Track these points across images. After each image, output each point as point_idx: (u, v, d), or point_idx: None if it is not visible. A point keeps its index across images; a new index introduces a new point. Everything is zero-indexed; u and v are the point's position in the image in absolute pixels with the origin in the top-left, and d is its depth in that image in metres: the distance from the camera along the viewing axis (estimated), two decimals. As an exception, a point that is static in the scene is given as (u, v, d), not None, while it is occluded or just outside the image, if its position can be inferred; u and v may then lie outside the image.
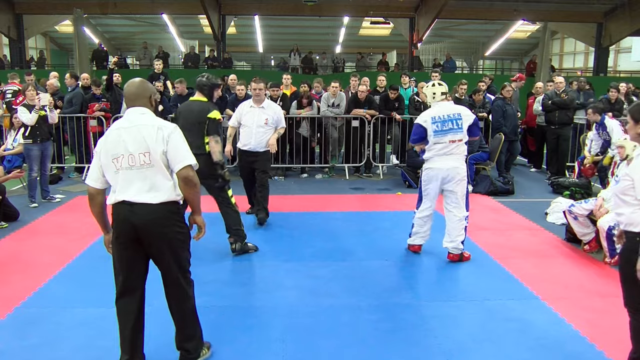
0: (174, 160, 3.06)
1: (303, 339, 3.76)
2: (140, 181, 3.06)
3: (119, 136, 3.06)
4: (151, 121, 3.11)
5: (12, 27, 17.92)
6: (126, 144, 3.03)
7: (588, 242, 5.65)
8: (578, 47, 24.51)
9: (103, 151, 3.11)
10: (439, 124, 5.19)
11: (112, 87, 9.59)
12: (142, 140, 3.03)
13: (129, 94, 3.20)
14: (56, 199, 7.65)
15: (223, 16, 18.67)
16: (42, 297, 4.41)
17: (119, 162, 3.05)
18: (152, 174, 3.06)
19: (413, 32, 18.95)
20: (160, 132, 3.04)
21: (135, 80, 3.26)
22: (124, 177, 3.06)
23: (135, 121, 3.09)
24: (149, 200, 3.05)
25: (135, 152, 3.03)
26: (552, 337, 3.82)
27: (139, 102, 3.18)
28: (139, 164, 3.03)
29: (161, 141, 3.03)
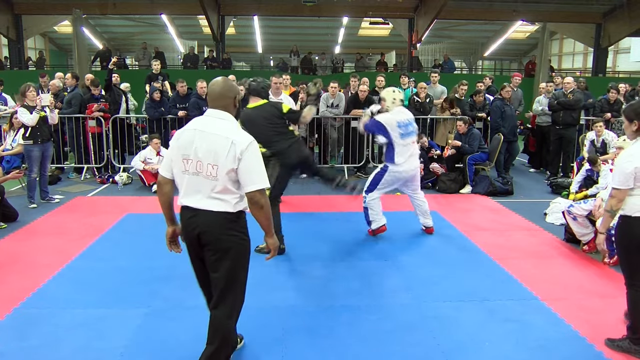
0: (244, 181, 2.95)
1: (302, 339, 3.76)
2: (205, 188, 2.98)
3: (193, 138, 2.99)
4: (227, 132, 2.96)
5: (11, 28, 17.90)
6: (198, 150, 2.96)
7: (587, 242, 5.65)
8: (577, 48, 24.53)
9: (176, 147, 3.05)
10: (403, 127, 5.74)
11: (111, 88, 9.59)
12: (214, 152, 2.93)
13: (212, 93, 3.08)
14: (55, 199, 7.64)
15: (222, 17, 18.67)
16: (41, 298, 4.41)
17: (187, 164, 3.00)
18: (217, 185, 2.96)
19: (412, 32, 18.95)
20: (233, 148, 2.91)
21: (219, 79, 3.13)
22: (189, 181, 3.02)
23: (212, 128, 2.98)
24: (212, 208, 2.98)
25: (204, 160, 2.95)
26: (551, 337, 3.82)
27: (220, 103, 3.06)
28: (205, 174, 2.96)
29: (232, 159, 2.91)
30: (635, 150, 3.48)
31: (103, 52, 19.02)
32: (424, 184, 8.72)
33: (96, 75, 10.33)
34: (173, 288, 4.63)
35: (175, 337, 3.78)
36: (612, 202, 3.56)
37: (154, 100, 9.51)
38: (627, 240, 3.54)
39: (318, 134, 9.81)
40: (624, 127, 3.70)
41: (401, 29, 20.01)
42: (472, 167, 8.50)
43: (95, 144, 9.37)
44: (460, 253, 5.63)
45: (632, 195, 3.48)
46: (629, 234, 3.52)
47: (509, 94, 9.35)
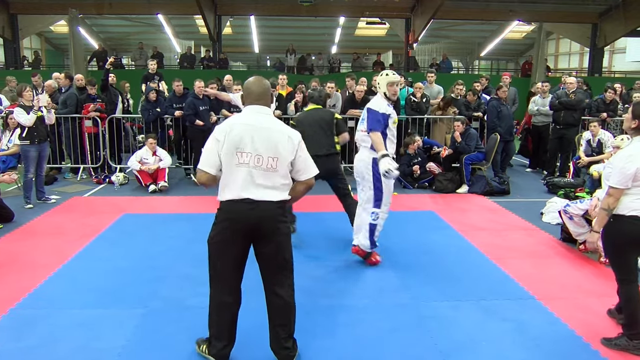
0: (302, 170, 3.27)
1: (301, 339, 3.75)
2: (263, 180, 3.14)
3: (246, 132, 3.13)
4: (280, 126, 3.24)
5: (6, 28, 17.84)
6: (255, 143, 3.12)
7: (583, 241, 5.67)
8: (573, 48, 24.60)
9: (227, 141, 3.12)
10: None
11: (108, 88, 9.57)
12: (274, 145, 3.14)
13: (256, 90, 3.27)
14: (51, 200, 7.63)
15: (219, 16, 18.65)
16: (38, 299, 4.39)
17: (242, 157, 3.11)
18: (275, 176, 3.17)
19: (409, 32, 18.97)
20: (290, 141, 3.19)
21: (256, 79, 3.34)
22: (246, 174, 3.12)
23: (263, 123, 3.18)
24: (271, 198, 3.15)
25: (264, 154, 3.13)
26: (548, 336, 3.84)
27: (263, 100, 3.26)
28: (265, 166, 3.13)
29: (291, 151, 3.19)
30: (635, 151, 3.51)
31: (99, 52, 19.00)
32: (421, 183, 8.75)
33: (92, 75, 10.31)
34: (170, 288, 4.62)
35: (172, 337, 3.77)
36: (609, 201, 3.58)
37: (150, 100, 9.50)
38: (618, 238, 3.61)
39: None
40: (625, 117, 3.75)
41: (398, 29, 20.02)
42: (468, 166, 8.52)
43: (92, 144, 9.35)
44: (457, 253, 5.63)
45: (626, 194, 3.53)
46: (620, 232, 3.58)
47: (505, 94, 9.37)
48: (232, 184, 3.14)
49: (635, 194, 3.51)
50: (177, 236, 5.91)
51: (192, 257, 5.35)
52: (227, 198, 3.16)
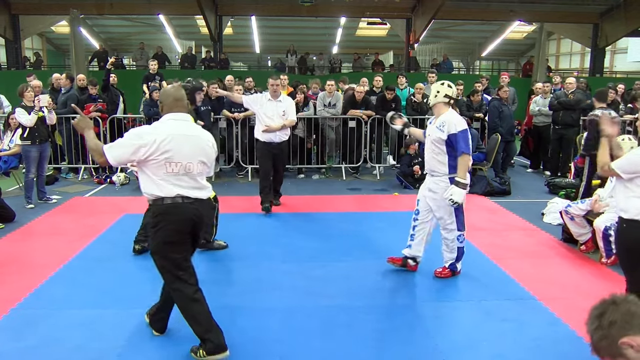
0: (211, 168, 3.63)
1: (300, 339, 3.76)
2: (194, 183, 3.41)
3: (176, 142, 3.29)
4: (202, 132, 3.50)
5: (8, 28, 17.85)
6: (183, 152, 3.31)
7: (584, 242, 5.67)
8: (574, 48, 24.56)
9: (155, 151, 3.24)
10: None
11: (109, 88, 9.58)
12: (203, 150, 3.42)
13: (173, 98, 3.43)
14: (52, 200, 7.63)
15: (220, 17, 18.64)
16: (38, 299, 4.40)
17: (172, 166, 3.30)
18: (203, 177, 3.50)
19: (410, 32, 18.96)
20: (213, 147, 3.54)
21: (172, 87, 3.56)
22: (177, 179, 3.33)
23: (190, 131, 3.41)
24: (203, 196, 3.46)
25: (194, 160, 3.36)
26: (548, 337, 3.83)
27: (182, 106, 3.45)
28: (196, 171, 3.39)
29: (213, 154, 3.54)
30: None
31: (100, 52, 18.99)
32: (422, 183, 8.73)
33: (93, 76, 10.31)
34: (170, 288, 4.62)
35: (172, 337, 3.77)
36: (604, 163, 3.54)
37: (153, 99, 9.51)
38: (634, 244, 3.44)
39: (316, 134, 9.81)
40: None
41: (399, 29, 20.00)
42: (469, 167, 8.50)
43: (93, 144, 9.33)
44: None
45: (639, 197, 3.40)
46: (635, 237, 3.42)
47: (507, 94, 9.36)
48: (164, 188, 3.30)
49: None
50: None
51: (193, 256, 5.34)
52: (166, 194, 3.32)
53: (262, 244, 5.81)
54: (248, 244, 5.81)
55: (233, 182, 9.21)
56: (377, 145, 9.91)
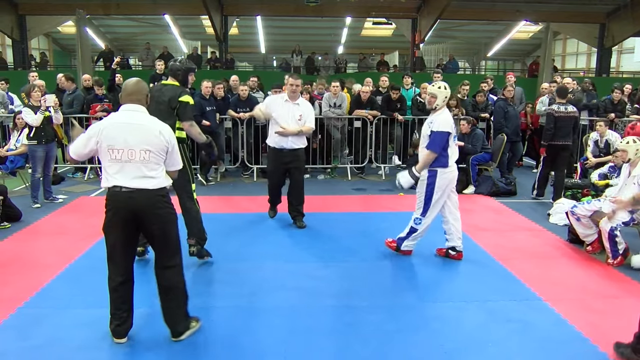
0: (169, 163, 3.62)
1: (305, 339, 3.76)
2: (137, 172, 3.45)
3: (119, 130, 3.44)
4: (152, 123, 3.54)
5: (15, 28, 17.95)
6: (127, 139, 3.42)
7: (590, 243, 5.64)
8: (580, 48, 24.47)
9: (98, 139, 3.45)
10: (454, 128, 5.27)
11: (115, 88, 9.59)
12: (146, 140, 3.45)
13: (127, 89, 3.57)
14: (59, 199, 7.66)
15: (225, 17, 18.68)
16: (44, 298, 4.42)
17: (115, 153, 3.43)
18: (148, 166, 3.48)
19: (415, 32, 18.94)
20: (161, 136, 3.50)
21: (133, 79, 3.65)
22: (120, 167, 3.44)
23: (138, 120, 3.50)
24: (146, 186, 3.46)
25: (137, 148, 3.42)
26: (554, 338, 3.82)
27: (135, 97, 3.56)
28: (138, 159, 3.43)
29: (163, 144, 3.51)
30: None
31: (106, 52, 19.06)
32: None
33: (99, 76, 10.33)
34: (176, 288, 4.63)
35: (177, 337, 3.78)
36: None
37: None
38: None
39: (321, 135, 9.80)
40: None
41: (404, 29, 19.99)
42: (475, 167, 8.49)
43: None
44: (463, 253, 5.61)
45: None
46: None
47: (511, 94, 9.33)
48: (109, 176, 3.48)
49: None
50: (182, 236, 5.89)
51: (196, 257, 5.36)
52: (105, 185, 3.53)
53: (267, 244, 5.81)
54: (252, 244, 5.81)
55: (238, 182, 9.22)
56: (382, 145, 9.89)
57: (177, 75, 4.92)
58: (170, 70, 4.96)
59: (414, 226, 5.39)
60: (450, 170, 5.23)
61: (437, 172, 5.16)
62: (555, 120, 7.57)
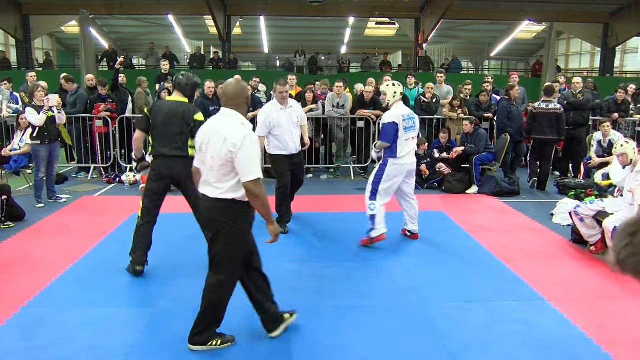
0: (240, 172, 3.29)
1: (308, 339, 3.76)
2: (210, 178, 3.41)
3: (205, 135, 3.44)
4: (224, 127, 3.34)
5: (18, 28, 17.99)
6: (209, 145, 3.38)
7: (594, 243, 5.63)
8: (584, 48, 24.39)
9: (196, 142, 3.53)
10: (407, 121, 5.66)
11: (118, 88, 9.62)
12: (213, 145, 3.35)
13: (227, 93, 3.46)
14: (62, 199, 7.68)
15: (228, 17, 18.69)
16: (47, 298, 4.43)
17: (200, 156, 3.49)
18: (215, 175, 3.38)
19: (418, 32, 18.92)
20: (225, 142, 3.26)
21: (233, 81, 3.55)
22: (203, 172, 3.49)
23: (218, 125, 3.40)
24: (209, 194, 3.42)
25: (208, 154, 3.38)
26: (558, 339, 3.81)
27: (232, 103, 3.44)
28: (209, 166, 3.39)
29: (225, 152, 3.26)
30: None
31: (109, 52, 19.08)
32: (430, 184, 8.72)
33: (103, 76, 10.35)
34: (179, 288, 4.64)
35: (181, 337, 3.78)
36: None
37: (162, 99, 9.54)
38: None
39: (324, 135, 9.81)
40: None
41: (407, 29, 19.97)
42: (478, 167, 8.48)
43: (102, 144, 9.42)
44: (466, 253, 5.61)
45: None
46: None
47: (517, 93, 9.33)
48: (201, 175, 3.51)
49: None
50: (186, 236, 5.90)
51: (201, 256, 5.34)
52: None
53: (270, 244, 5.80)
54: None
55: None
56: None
57: (186, 91, 4.92)
58: (178, 85, 4.92)
59: (370, 213, 5.69)
60: (401, 163, 5.64)
61: (388, 162, 5.65)
62: (534, 116, 8.57)
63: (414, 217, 6.05)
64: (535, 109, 8.58)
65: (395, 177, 5.69)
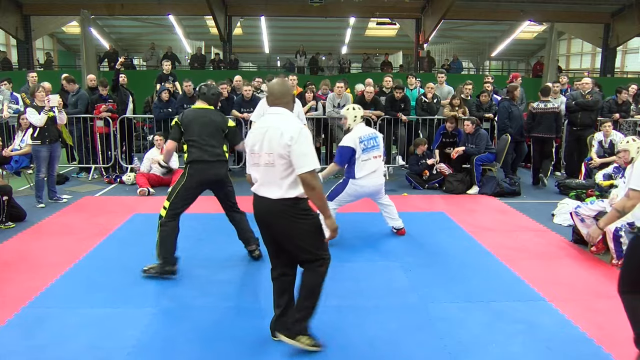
0: (295, 164, 3.29)
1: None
2: (267, 177, 3.39)
3: (258, 134, 3.42)
4: (279, 123, 3.35)
5: (19, 28, 18.02)
6: (263, 143, 3.37)
7: (595, 243, 5.62)
8: (585, 48, 24.39)
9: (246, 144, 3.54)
10: (365, 142, 5.68)
11: (119, 88, 9.62)
12: (269, 142, 3.33)
13: (270, 94, 3.51)
14: (63, 199, 7.68)
15: (229, 17, 18.71)
16: (48, 298, 4.43)
17: (254, 158, 3.46)
18: (274, 172, 3.35)
19: (419, 33, 18.94)
20: (282, 136, 3.27)
21: (277, 81, 3.58)
22: (257, 173, 3.45)
23: (271, 122, 3.39)
24: (271, 195, 3.39)
25: (266, 151, 3.36)
26: (559, 339, 3.80)
27: (281, 102, 3.47)
28: (264, 163, 3.37)
29: (283, 146, 3.27)
30: None
31: (110, 52, 19.10)
32: (431, 184, 8.72)
33: (104, 76, 10.35)
34: (180, 287, 4.64)
35: (182, 337, 3.79)
36: (626, 204, 3.36)
37: (162, 100, 9.55)
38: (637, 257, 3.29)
39: (324, 135, 9.81)
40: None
41: (408, 30, 19.99)
42: (479, 167, 8.47)
43: (103, 144, 9.42)
44: (466, 254, 5.61)
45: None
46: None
47: (518, 94, 9.33)
48: (254, 180, 3.50)
49: None
50: (187, 236, 5.90)
51: (202, 256, 5.38)
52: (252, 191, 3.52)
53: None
54: (257, 244, 5.81)
55: (242, 182, 9.19)
56: (385, 145, 9.87)
57: (211, 100, 5.14)
58: (203, 94, 5.11)
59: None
60: (361, 184, 5.74)
61: (349, 181, 5.76)
62: (533, 115, 8.95)
63: (393, 214, 6.16)
64: (534, 108, 8.95)
65: (353, 197, 5.85)
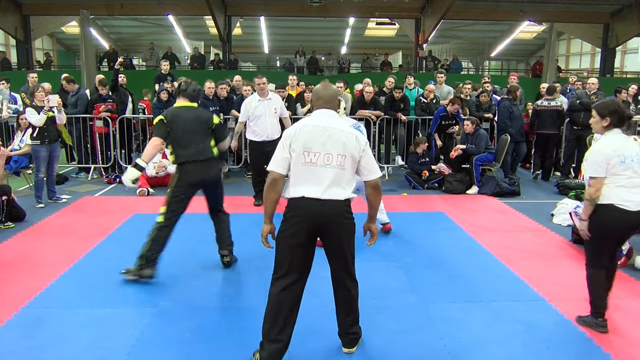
0: (369, 170, 3.37)
1: (307, 339, 3.76)
2: (332, 178, 3.28)
3: (316, 133, 3.28)
4: (348, 127, 3.37)
5: (19, 28, 18.03)
6: (325, 143, 3.26)
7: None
8: (584, 48, 24.41)
9: (296, 142, 3.29)
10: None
11: (118, 88, 9.62)
12: (342, 144, 3.26)
13: (326, 95, 3.44)
14: (62, 199, 7.68)
15: (229, 17, 18.72)
16: (48, 297, 4.43)
17: (309, 156, 3.27)
18: (342, 174, 3.31)
19: (419, 33, 18.94)
20: (357, 141, 3.31)
21: (325, 84, 3.53)
22: (312, 173, 3.27)
23: (333, 124, 3.32)
24: (337, 197, 3.31)
25: (334, 152, 3.26)
26: (558, 339, 3.81)
27: (330, 104, 3.44)
28: (334, 164, 3.27)
29: (358, 150, 3.31)
30: (606, 143, 3.93)
31: (110, 52, 19.11)
32: (431, 184, 8.72)
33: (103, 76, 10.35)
34: (180, 287, 4.64)
35: (182, 337, 3.79)
36: (590, 191, 3.79)
37: (161, 100, 9.54)
38: (595, 226, 3.82)
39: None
40: (592, 122, 4.21)
41: (407, 30, 20.00)
42: (478, 167, 8.48)
43: (102, 144, 9.42)
44: (466, 254, 5.61)
45: (605, 184, 3.76)
46: (597, 220, 3.80)
47: (519, 94, 9.34)
48: (301, 182, 3.30)
49: (612, 183, 3.73)
50: (187, 236, 5.91)
51: (202, 256, 5.38)
52: (295, 195, 3.32)
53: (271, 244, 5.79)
54: (256, 245, 5.78)
55: (241, 182, 9.22)
56: (385, 145, 9.89)
57: (193, 97, 5.03)
58: (183, 90, 4.98)
59: None
60: None
61: None
62: (537, 113, 9.34)
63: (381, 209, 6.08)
64: (538, 106, 9.33)
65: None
